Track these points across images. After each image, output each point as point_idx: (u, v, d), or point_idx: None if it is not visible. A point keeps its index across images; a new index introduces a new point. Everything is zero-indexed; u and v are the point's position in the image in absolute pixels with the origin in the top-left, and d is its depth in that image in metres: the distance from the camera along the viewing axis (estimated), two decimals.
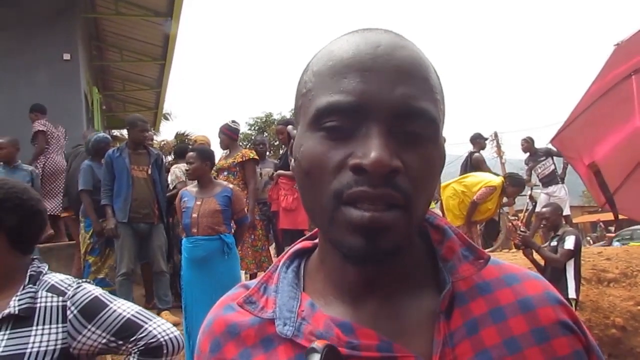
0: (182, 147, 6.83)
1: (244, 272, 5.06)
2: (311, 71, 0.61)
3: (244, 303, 0.65)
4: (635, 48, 2.18)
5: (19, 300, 1.40)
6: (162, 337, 1.47)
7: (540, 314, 0.61)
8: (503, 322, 0.60)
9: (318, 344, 0.46)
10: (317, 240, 0.68)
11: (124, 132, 12.31)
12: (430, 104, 0.57)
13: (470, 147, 8.30)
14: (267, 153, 6.98)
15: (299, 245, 0.71)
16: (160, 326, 1.49)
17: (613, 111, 2.43)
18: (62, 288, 1.46)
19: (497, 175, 6.99)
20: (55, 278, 1.50)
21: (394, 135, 0.55)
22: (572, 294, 4.26)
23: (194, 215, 4.00)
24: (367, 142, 0.54)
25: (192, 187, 4.26)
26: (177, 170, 5.71)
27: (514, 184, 6.50)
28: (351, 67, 0.56)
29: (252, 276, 5.54)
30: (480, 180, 6.60)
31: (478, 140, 8.28)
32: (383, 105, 0.54)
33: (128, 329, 1.45)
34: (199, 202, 4.05)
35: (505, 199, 6.78)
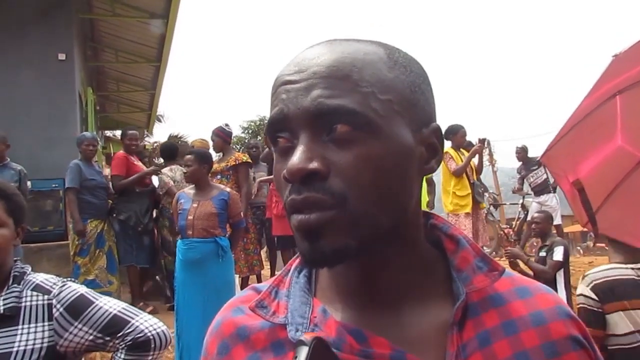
0: (170, 147, 6.67)
1: (236, 275, 5.06)
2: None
3: (256, 307, 0.64)
4: (632, 60, 2.19)
5: (4, 299, 1.41)
6: (150, 331, 1.48)
7: (551, 328, 0.62)
8: (515, 335, 0.60)
9: (306, 337, 0.46)
10: None
11: (117, 133, 12.28)
12: (348, 99, 0.55)
13: None
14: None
15: None
16: (148, 321, 1.51)
17: (597, 130, 2.46)
18: (47, 287, 1.47)
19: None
20: (40, 277, 1.51)
21: (322, 139, 0.56)
22: None
23: (190, 217, 4.00)
24: (294, 152, 0.56)
25: (189, 190, 4.26)
26: (165, 177, 5.65)
27: (454, 133, 6.59)
28: (281, 82, 0.59)
29: (244, 279, 5.54)
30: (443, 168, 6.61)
31: (468, 148, 8.33)
32: (300, 112, 0.56)
33: (115, 325, 1.46)
34: (195, 205, 4.04)
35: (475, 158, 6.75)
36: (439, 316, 0.61)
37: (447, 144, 6.62)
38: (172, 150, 6.33)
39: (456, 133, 6.58)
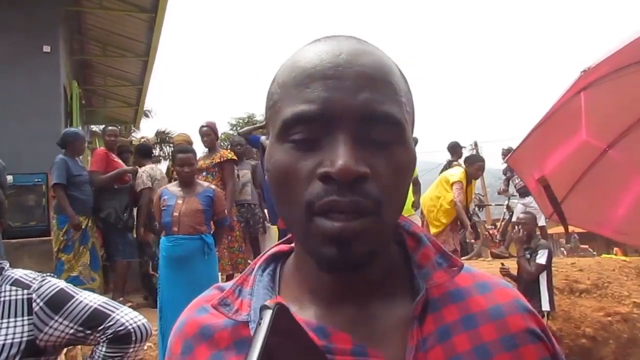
0: (147, 146, 6.79)
1: (219, 273, 5.04)
2: (277, 83, 0.62)
3: (219, 305, 0.64)
4: (601, 74, 2.22)
5: None
6: (130, 324, 1.49)
7: (509, 322, 0.63)
8: (474, 329, 0.61)
9: (270, 302, 0.47)
10: (294, 245, 0.68)
11: (102, 127, 12.16)
12: (394, 107, 0.57)
13: (449, 156, 8.39)
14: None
15: (275, 248, 0.71)
16: (128, 314, 1.52)
17: (562, 127, 2.50)
18: (27, 281, 1.46)
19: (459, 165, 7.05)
20: (19, 272, 1.50)
21: (361, 141, 0.55)
22: (545, 306, 4.36)
23: (175, 214, 3.97)
24: (333, 150, 0.54)
25: (172, 187, 4.23)
26: (145, 175, 5.64)
27: (471, 163, 6.64)
28: (313, 76, 0.57)
29: (228, 277, 5.52)
30: (446, 184, 6.64)
31: (456, 149, 8.38)
32: (347, 111, 0.55)
33: (96, 319, 1.46)
34: (180, 201, 4.02)
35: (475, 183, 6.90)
36: (402, 312, 0.62)
37: (458, 169, 6.66)
38: (149, 150, 6.48)
39: (473, 164, 6.61)
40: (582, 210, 2.80)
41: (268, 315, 0.46)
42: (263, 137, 0.66)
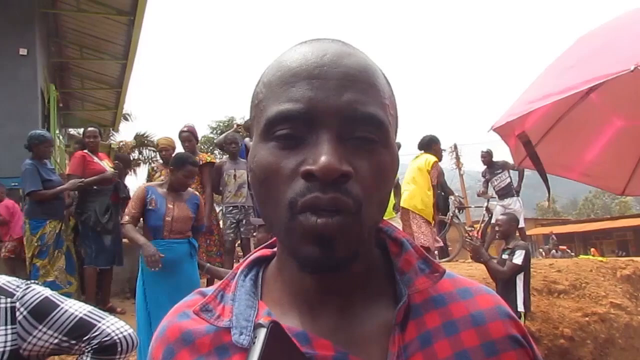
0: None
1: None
2: (262, 82, 0.62)
3: (200, 311, 0.63)
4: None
5: None
6: (116, 335, 1.46)
7: (490, 328, 0.63)
8: (455, 335, 0.61)
9: (264, 320, 0.47)
10: (276, 249, 0.68)
11: (81, 131, 12.01)
12: (377, 108, 0.58)
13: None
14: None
15: (257, 253, 0.71)
16: (114, 324, 1.48)
17: (548, 84, 2.46)
18: (10, 289, 1.42)
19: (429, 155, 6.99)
20: (2, 280, 1.45)
21: (344, 141, 0.56)
22: (520, 306, 4.39)
23: (168, 218, 3.93)
24: (317, 149, 0.54)
25: (158, 188, 4.13)
26: None
27: (432, 147, 6.66)
28: (299, 75, 0.57)
29: (208, 281, 5.47)
30: (427, 173, 6.55)
31: (430, 145, 8.43)
32: (331, 111, 0.55)
33: (81, 328, 1.43)
34: (171, 205, 3.97)
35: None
36: (383, 317, 0.62)
37: (425, 157, 6.66)
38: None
39: (437, 143, 6.64)
40: (552, 155, 2.81)
41: (262, 333, 0.45)
42: (247, 139, 0.65)
